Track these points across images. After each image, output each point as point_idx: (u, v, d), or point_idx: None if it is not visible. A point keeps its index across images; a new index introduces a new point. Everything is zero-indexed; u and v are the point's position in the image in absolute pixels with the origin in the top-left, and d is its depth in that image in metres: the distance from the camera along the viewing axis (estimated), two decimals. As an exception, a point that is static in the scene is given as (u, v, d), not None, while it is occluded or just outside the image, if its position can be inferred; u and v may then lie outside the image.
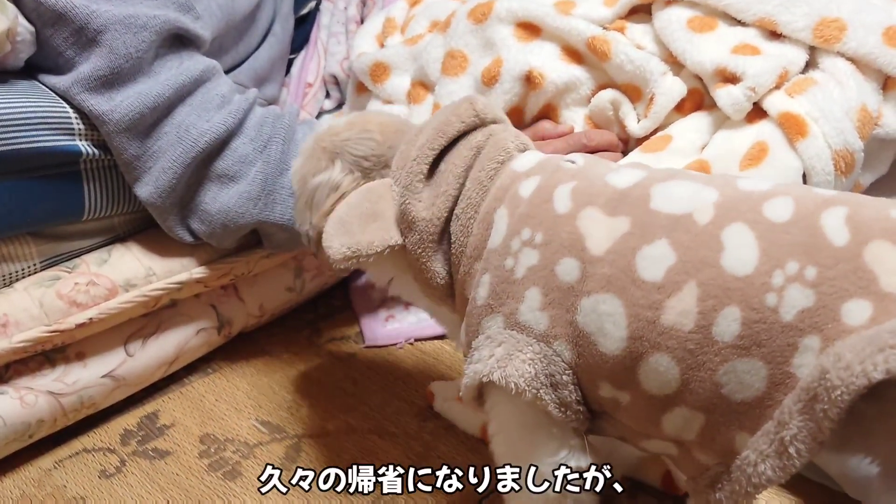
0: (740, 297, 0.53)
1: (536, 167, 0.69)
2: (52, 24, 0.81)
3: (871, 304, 0.50)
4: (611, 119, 1.02)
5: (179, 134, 0.85)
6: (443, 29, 1.11)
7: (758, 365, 0.53)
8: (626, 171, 0.66)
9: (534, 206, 0.65)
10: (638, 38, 1.03)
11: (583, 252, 0.60)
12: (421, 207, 0.69)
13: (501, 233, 0.66)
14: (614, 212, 0.61)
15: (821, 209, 0.55)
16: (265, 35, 1.25)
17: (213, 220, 0.89)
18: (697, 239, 0.57)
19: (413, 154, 0.70)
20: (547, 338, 0.61)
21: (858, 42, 0.92)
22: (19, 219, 0.83)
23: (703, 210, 0.58)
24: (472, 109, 0.72)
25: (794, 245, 0.54)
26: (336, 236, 0.68)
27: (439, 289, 0.72)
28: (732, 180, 0.61)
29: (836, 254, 0.52)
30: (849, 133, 0.88)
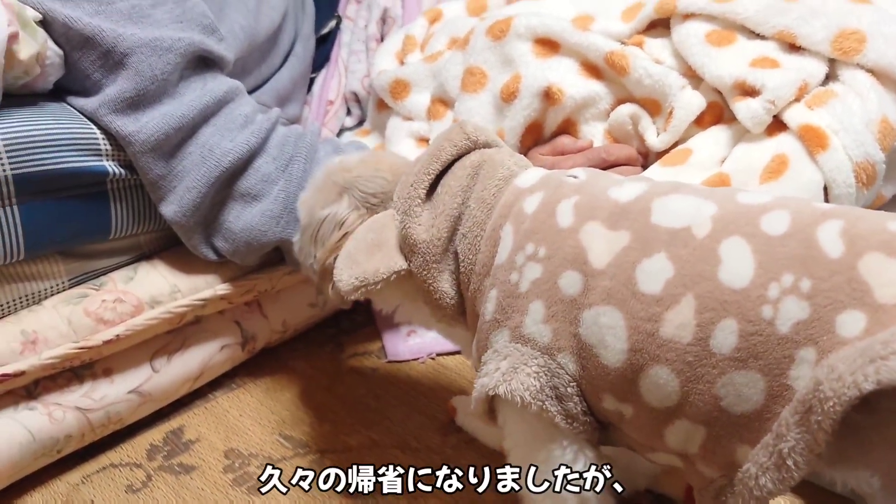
0: (737, 310, 0.54)
1: (539, 183, 0.69)
2: (80, 47, 0.83)
3: (865, 316, 0.50)
4: (630, 133, 1.02)
5: (203, 154, 0.86)
6: (462, 46, 1.12)
7: (755, 377, 0.53)
8: (628, 184, 0.66)
9: (538, 222, 0.66)
10: (656, 53, 1.03)
11: (585, 265, 0.61)
12: (421, 230, 0.70)
13: (507, 248, 0.67)
14: (615, 226, 0.62)
15: (817, 222, 0.55)
16: (287, 55, 1.27)
17: (237, 238, 0.90)
18: (695, 253, 0.57)
19: (410, 181, 0.72)
20: (551, 350, 0.62)
21: (878, 54, 0.91)
22: (48, 238, 0.84)
23: (702, 224, 0.58)
24: (463, 133, 0.73)
25: (789, 258, 0.54)
26: (345, 269, 0.70)
27: (449, 308, 0.72)
28: (732, 194, 0.62)
29: (830, 266, 0.52)
30: (870, 145, 0.88)
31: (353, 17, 1.43)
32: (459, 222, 0.70)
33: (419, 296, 0.74)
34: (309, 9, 1.40)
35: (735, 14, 0.98)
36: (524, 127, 1.03)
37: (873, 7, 0.95)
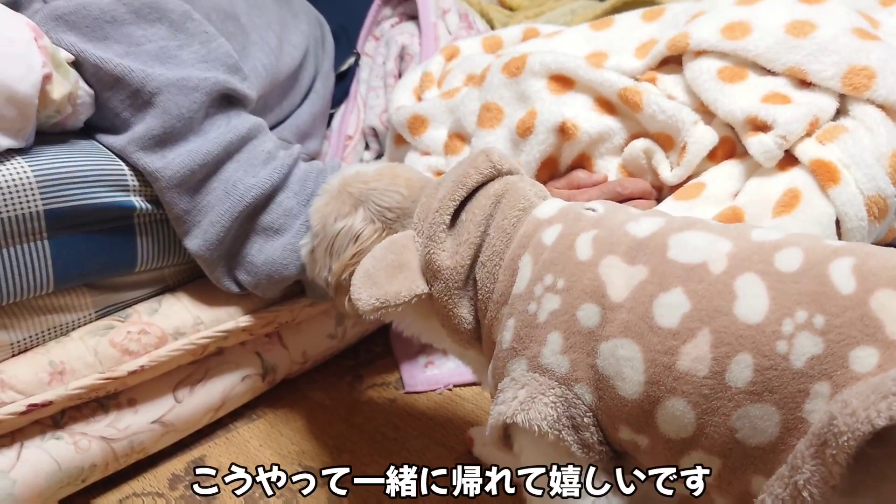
0: (752, 345, 0.55)
1: (558, 215, 0.71)
2: (110, 87, 0.86)
3: (877, 352, 0.51)
4: (644, 167, 1.04)
5: (227, 189, 0.89)
6: (478, 82, 1.15)
7: (770, 410, 0.54)
8: (645, 220, 0.68)
9: (557, 254, 0.67)
10: (669, 89, 1.05)
11: (603, 298, 0.62)
12: (445, 256, 0.72)
13: (526, 279, 0.68)
14: (633, 260, 0.63)
15: (829, 259, 0.57)
16: (307, 92, 1.30)
17: (259, 272, 0.92)
18: (711, 288, 0.59)
19: (435, 206, 0.73)
20: (568, 381, 0.63)
21: (888, 89, 0.92)
22: (77, 271, 0.87)
23: (717, 260, 0.60)
24: (488, 161, 0.75)
25: (803, 294, 0.55)
26: (364, 289, 0.70)
27: (466, 333, 0.74)
28: (746, 231, 0.63)
29: (843, 302, 0.54)
30: (881, 179, 0.89)
31: (372, 53, 1.46)
32: (480, 250, 0.72)
33: (436, 318, 0.75)
34: (329, 47, 1.43)
35: (746, 51, 0.99)
36: (540, 161, 1.05)
37: (882, 44, 0.97)
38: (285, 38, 1.26)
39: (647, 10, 1.20)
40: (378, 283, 0.71)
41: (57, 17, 0.84)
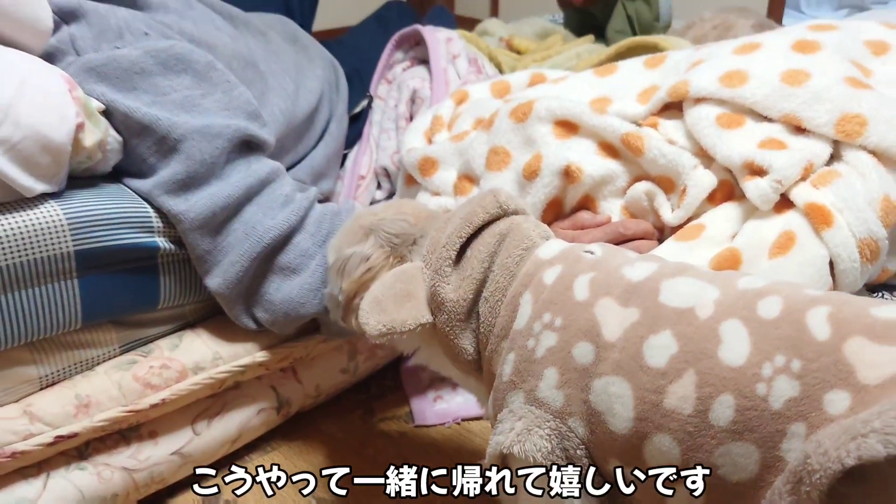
0: (734, 386, 0.58)
1: (559, 256, 0.75)
2: (138, 134, 0.91)
3: (849, 395, 0.54)
4: (646, 209, 1.07)
5: (247, 230, 0.93)
6: (486, 127, 1.19)
7: (750, 449, 0.57)
8: (639, 264, 0.71)
9: (555, 293, 0.71)
10: (670, 133, 1.08)
11: (598, 338, 0.66)
12: (449, 290, 0.76)
13: (526, 315, 0.72)
14: (627, 303, 0.67)
15: (807, 307, 0.60)
16: (322, 134, 1.34)
17: (276, 310, 0.96)
18: (698, 332, 0.62)
19: (442, 241, 0.77)
20: (562, 414, 0.67)
21: (879, 136, 0.96)
22: (103, 309, 0.91)
23: (705, 306, 0.64)
24: (495, 201, 0.79)
25: (781, 339, 0.58)
26: (372, 314, 0.74)
27: (467, 363, 0.78)
28: (733, 279, 0.67)
29: (818, 348, 0.57)
30: (872, 222, 0.92)
31: (384, 96, 1.51)
32: (483, 286, 0.76)
33: (440, 346, 0.79)
34: (343, 90, 1.48)
35: (743, 99, 1.03)
36: (545, 203, 1.08)
37: (874, 92, 1.00)
38: (301, 83, 1.31)
39: (649, 57, 1.25)
40: (386, 310, 0.74)
41: (89, 68, 0.89)
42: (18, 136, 0.78)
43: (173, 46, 0.93)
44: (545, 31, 1.87)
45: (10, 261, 0.80)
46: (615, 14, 1.78)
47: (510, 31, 1.84)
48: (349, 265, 0.81)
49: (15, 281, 0.81)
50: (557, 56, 1.62)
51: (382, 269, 0.79)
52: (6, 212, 0.81)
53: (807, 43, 1.08)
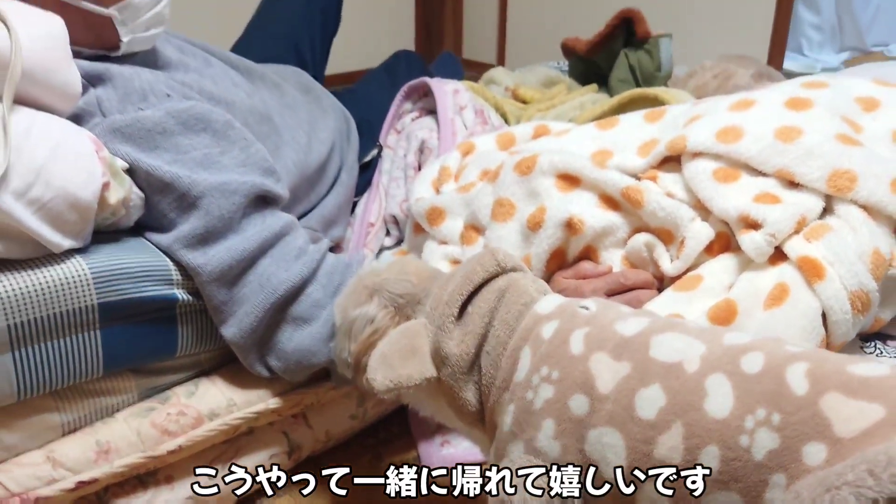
0: (719, 438, 0.62)
1: (556, 311, 0.79)
2: (159, 191, 0.95)
3: (826, 448, 0.57)
4: (646, 260, 1.10)
5: (262, 282, 0.97)
6: (492, 179, 1.23)
7: (735, 498, 0.61)
8: (632, 319, 0.75)
9: (553, 347, 0.75)
10: (669, 186, 1.12)
11: (592, 390, 0.70)
12: (452, 345, 0.79)
13: (525, 368, 0.76)
14: (619, 357, 0.71)
15: (787, 363, 0.64)
16: (333, 183, 1.38)
17: (289, 358, 0.99)
18: (685, 385, 0.66)
19: (445, 298, 0.81)
20: (559, 463, 0.70)
21: (869, 191, 0.99)
22: (124, 358, 0.95)
23: (691, 360, 0.68)
24: (494, 260, 0.83)
25: (763, 394, 0.62)
26: (379, 370, 0.78)
27: (470, 415, 0.81)
28: (720, 334, 0.71)
29: (797, 402, 0.60)
30: (863, 275, 0.95)
31: (394, 146, 1.56)
32: (485, 340, 0.80)
33: (444, 399, 0.83)
34: (354, 140, 1.53)
35: (739, 154, 1.07)
36: (549, 253, 1.12)
37: (864, 149, 1.04)
38: (314, 134, 1.36)
39: (648, 111, 1.29)
40: (392, 366, 0.79)
41: (115, 129, 0.94)
42: (49, 196, 0.83)
43: (194, 107, 0.98)
44: (550, 79, 1.92)
45: (38, 314, 0.85)
46: (618, 64, 1.83)
47: (516, 81, 1.89)
48: (355, 327, 0.85)
49: (41, 333, 0.86)
50: (561, 106, 1.67)
51: (388, 329, 0.83)
52: (34, 267, 0.86)
53: (799, 100, 1.13)
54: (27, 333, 0.84)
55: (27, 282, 0.84)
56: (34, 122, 0.84)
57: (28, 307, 0.84)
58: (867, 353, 1.03)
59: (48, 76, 0.86)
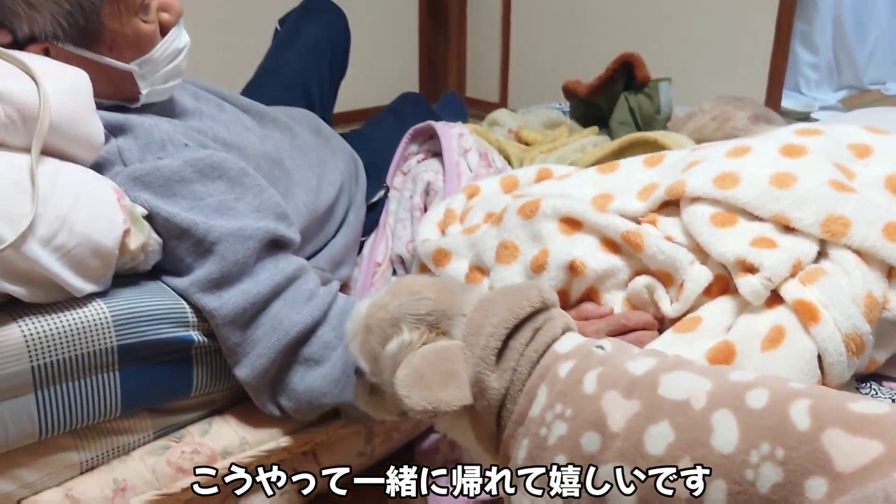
0: (725, 472, 0.65)
1: (574, 351, 0.82)
2: (177, 237, 0.99)
3: (826, 482, 0.61)
4: (647, 301, 1.12)
5: (274, 325, 1.00)
6: (496, 222, 1.26)
7: None
8: (642, 359, 0.79)
9: (567, 386, 0.78)
10: (668, 230, 1.15)
11: (604, 428, 0.73)
12: (493, 378, 0.81)
13: (540, 405, 0.79)
14: (629, 395, 0.74)
15: (790, 399, 0.67)
16: (341, 224, 1.42)
17: (300, 399, 1.02)
18: (692, 421, 0.69)
19: (488, 330, 0.81)
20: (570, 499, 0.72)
21: (862, 236, 1.02)
22: (140, 398, 0.98)
23: (699, 397, 0.71)
24: (540, 296, 0.85)
25: (767, 429, 0.65)
26: (415, 389, 0.77)
27: (492, 446, 0.83)
28: (725, 372, 0.74)
29: (799, 437, 0.64)
30: (856, 318, 0.98)
31: (400, 187, 1.60)
32: (515, 375, 0.82)
33: (469, 423, 0.84)
34: (361, 181, 1.56)
35: (735, 199, 1.10)
36: (552, 295, 1.16)
37: (856, 195, 1.07)
38: (324, 175, 1.39)
39: (648, 156, 1.33)
40: (430, 387, 0.78)
41: (135, 178, 0.98)
42: (73, 243, 0.86)
43: (210, 156, 1.02)
44: (552, 121, 1.96)
45: (60, 356, 0.88)
46: (618, 106, 1.87)
47: (518, 122, 1.94)
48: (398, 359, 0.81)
49: (63, 374, 0.89)
50: (563, 148, 1.70)
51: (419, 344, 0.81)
52: (57, 310, 0.89)
53: (794, 147, 1.16)
54: (50, 374, 0.88)
55: (51, 325, 0.88)
56: (59, 171, 0.88)
57: (51, 349, 0.87)
58: (863, 393, 1.05)
59: (73, 128, 0.90)
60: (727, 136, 1.73)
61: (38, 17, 0.93)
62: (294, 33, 1.82)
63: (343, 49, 1.86)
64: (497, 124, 1.96)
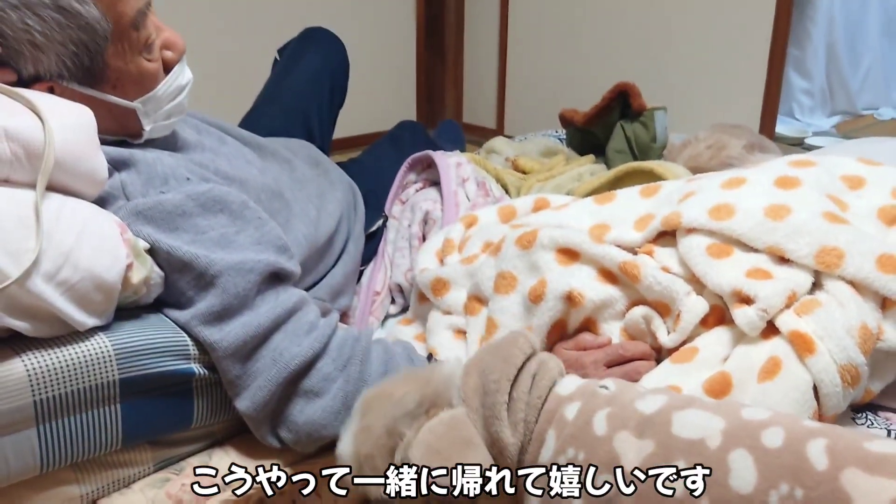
0: None
1: (577, 392, 0.82)
2: (178, 270, 1.00)
3: None
4: (644, 331, 1.14)
5: (274, 357, 1.01)
6: (494, 252, 1.28)
7: None
8: (650, 397, 0.79)
9: (577, 429, 0.78)
10: (665, 261, 1.16)
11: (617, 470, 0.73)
12: (509, 434, 0.80)
13: (550, 450, 0.78)
14: (642, 435, 0.74)
15: (807, 438, 0.67)
16: (340, 254, 1.43)
17: (300, 431, 1.02)
18: (708, 461, 0.69)
19: (491, 387, 0.81)
20: None
21: (856, 268, 1.03)
22: (141, 431, 0.98)
23: (713, 436, 0.71)
24: (528, 342, 0.86)
25: (784, 468, 0.66)
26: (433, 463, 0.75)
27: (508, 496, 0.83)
28: (738, 409, 0.74)
29: (818, 477, 0.64)
30: (851, 349, 0.99)
31: (398, 216, 1.61)
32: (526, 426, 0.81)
33: None
34: (360, 211, 1.58)
35: (731, 231, 1.12)
36: (549, 325, 1.16)
37: (850, 227, 1.09)
38: (323, 207, 1.41)
39: (644, 187, 1.34)
40: (450, 458, 0.75)
41: (138, 212, 0.99)
42: (77, 278, 0.87)
43: (212, 190, 1.03)
44: (549, 149, 1.99)
45: (63, 390, 0.89)
46: (614, 135, 1.90)
47: (516, 150, 1.96)
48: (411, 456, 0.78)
49: (65, 408, 0.89)
50: (560, 176, 1.72)
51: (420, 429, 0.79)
52: (60, 344, 0.90)
53: (788, 179, 1.18)
54: (52, 408, 0.88)
55: (53, 359, 0.88)
56: (63, 207, 0.89)
57: (54, 383, 0.88)
58: (858, 424, 1.06)
59: (77, 164, 0.91)
60: (722, 164, 1.75)
61: (43, 57, 0.95)
62: (293, 62, 1.84)
63: (342, 77, 1.88)
64: (494, 152, 1.98)
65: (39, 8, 0.93)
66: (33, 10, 0.92)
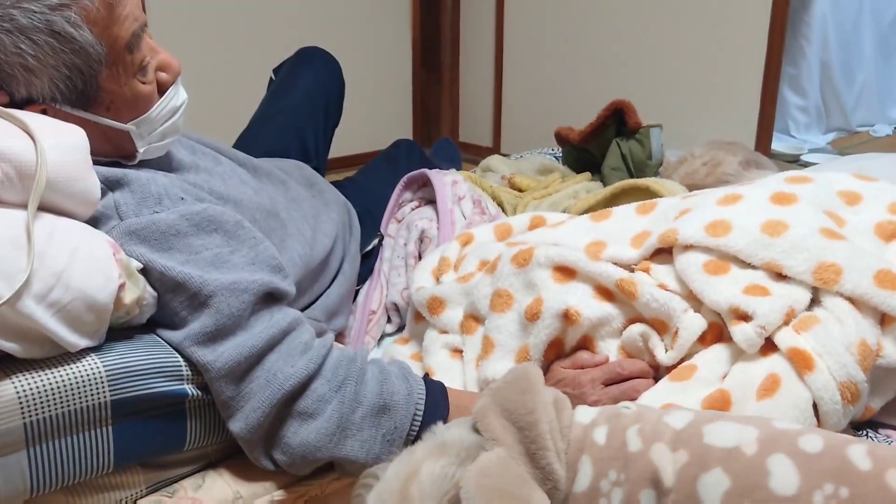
0: None
1: (600, 417, 0.81)
2: (172, 290, 0.99)
3: None
4: (641, 349, 1.13)
5: (268, 378, 0.99)
6: (490, 270, 1.27)
7: None
8: (676, 413, 0.79)
9: (613, 450, 0.77)
10: (662, 278, 1.16)
11: (659, 483, 0.72)
12: (558, 466, 0.77)
13: (588, 475, 0.77)
14: (675, 447, 0.74)
15: (846, 444, 0.68)
16: (336, 274, 1.42)
17: (294, 453, 1.01)
18: (747, 467, 0.69)
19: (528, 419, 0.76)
20: None
21: (854, 284, 1.03)
22: (134, 453, 0.96)
23: (749, 443, 0.71)
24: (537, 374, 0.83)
25: (827, 470, 0.66)
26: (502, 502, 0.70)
27: None
28: (769, 421, 0.74)
29: (863, 476, 0.64)
30: (850, 366, 0.99)
31: (394, 235, 1.61)
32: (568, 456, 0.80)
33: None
34: (356, 231, 1.57)
35: (728, 247, 1.12)
36: (546, 343, 1.15)
37: (847, 243, 1.09)
38: (318, 227, 1.40)
39: (640, 204, 1.34)
40: (518, 497, 0.72)
41: (131, 232, 0.98)
42: (68, 299, 0.86)
43: (206, 209, 1.03)
44: (545, 167, 1.99)
45: (53, 412, 0.87)
46: (610, 152, 1.90)
47: (512, 168, 1.96)
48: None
49: (56, 430, 0.88)
50: (556, 194, 1.72)
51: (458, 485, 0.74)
52: (51, 366, 0.89)
53: (784, 195, 1.18)
54: (43, 431, 0.87)
55: (44, 381, 0.87)
56: (56, 227, 0.89)
57: (44, 405, 0.87)
58: (859, 441, 1.05)
59: (70, 185, 0.90)
60: (718, 180, 1.75)
61: (36, 81, 0.94)
62: (289, 82, 1.84)
63: (337, 97, 1.88)
64: (490, 170, 1.98)
65: (32, 32, 0.92)
66: (26, 34, 0.92)
